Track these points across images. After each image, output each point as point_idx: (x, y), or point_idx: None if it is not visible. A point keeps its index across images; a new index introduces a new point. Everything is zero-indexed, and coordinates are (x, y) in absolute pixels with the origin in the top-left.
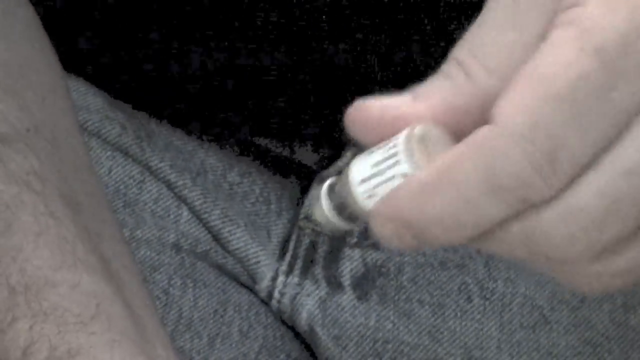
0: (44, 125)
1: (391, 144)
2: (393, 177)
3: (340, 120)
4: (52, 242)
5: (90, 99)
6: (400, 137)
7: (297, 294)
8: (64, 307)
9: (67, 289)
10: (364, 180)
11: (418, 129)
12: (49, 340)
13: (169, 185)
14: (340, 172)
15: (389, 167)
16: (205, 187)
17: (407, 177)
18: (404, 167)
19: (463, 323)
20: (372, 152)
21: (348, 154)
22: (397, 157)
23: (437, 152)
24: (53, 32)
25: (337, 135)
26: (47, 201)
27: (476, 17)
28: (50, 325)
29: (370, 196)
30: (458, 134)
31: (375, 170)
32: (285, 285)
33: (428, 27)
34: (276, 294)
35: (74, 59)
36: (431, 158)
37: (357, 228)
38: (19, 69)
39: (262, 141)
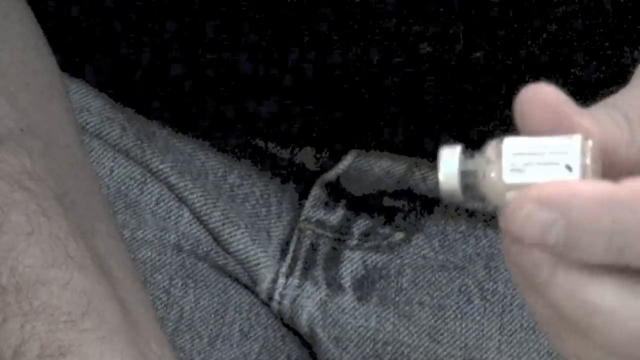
0: (38, 126)
1: (564, 138)
2: (557, 163)
3: (341, 122)
4: (43, 241)
5: (90, 101)
6: (576, 138)
7: (298, 295)
8: (55, 306)
9: (58, 288)
10: (517, 154)
11: (592, 142)
12: (39, 338)
13: (170, 187)
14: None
15: (555, 154)
16: (206, 189)
17: (586, 180)
18: (572, 162)
19: (463, 324)
20: (531, 137)
21: (349, 156)
22: (569, 152)
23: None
24: (54, 33)
25: (337, 138)
26: (39, 200)
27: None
28: (41, 323)
29: (517, 170)
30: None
31: (535, 150)
32: (285, 287)
33: (428, 33)
34: (276, 296)
35: (75, 61)
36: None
37: (467, 201)
38: (14, 70)
39: (263, 143)
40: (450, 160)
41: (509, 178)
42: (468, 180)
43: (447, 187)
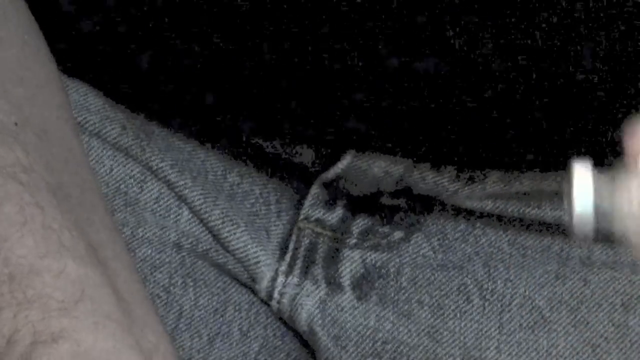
0: (33, 120)
1: None
2: None
3: (339, 121)
4: (36, 231)
5: (90, 100)
6: None
7: (297, 294)
8: (48, 294)
9: (51, 277)
10: None
11: None
12: (33, 326)
13: (170, 185)
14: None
15: None
16: (206, 187)
17: None
18: None
19: (462, 323)
20: None
21: (348, 156)
22: None
23: None
24: (53, 33)
25: (336, 137)
26: (32, 192)
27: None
28: (34, 312)
29: None
30: None
31: None
32: (284, 285)
33: (424, 31)
34: (276, 294)
35: (74, 60)
36: None
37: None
38: (9, 65)
39: (262, 142)
40: (585, 198)
41: None
42: (604, 221)
43: (580, 229)
